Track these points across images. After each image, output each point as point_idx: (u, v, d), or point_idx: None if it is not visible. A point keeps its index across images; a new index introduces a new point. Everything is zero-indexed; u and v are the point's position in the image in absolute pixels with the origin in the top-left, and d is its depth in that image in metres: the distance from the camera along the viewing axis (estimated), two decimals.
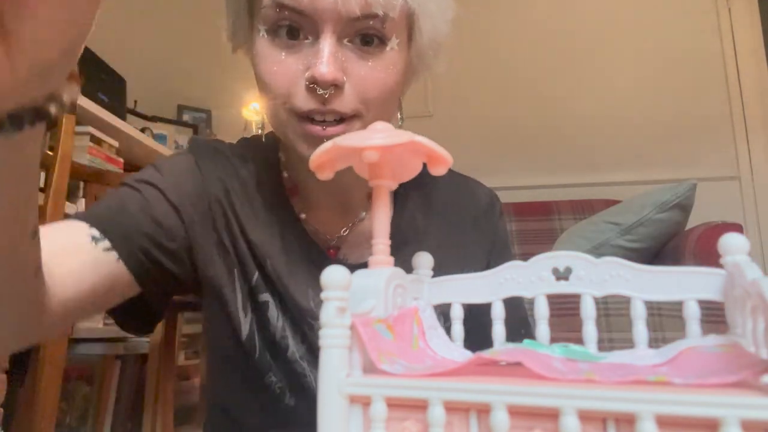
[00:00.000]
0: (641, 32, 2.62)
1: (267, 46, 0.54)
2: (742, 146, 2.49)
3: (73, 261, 0.51)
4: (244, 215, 0.62)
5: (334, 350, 0.25)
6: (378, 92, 0.54)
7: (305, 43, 0.53)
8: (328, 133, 0.53)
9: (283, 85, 0.53)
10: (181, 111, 2.91)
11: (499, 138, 2.65)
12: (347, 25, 0.52)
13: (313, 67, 0.51)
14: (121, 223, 0.56)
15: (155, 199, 0.59)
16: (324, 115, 0.53)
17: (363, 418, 0.25)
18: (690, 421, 0.21)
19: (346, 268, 0.27)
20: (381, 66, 0.54)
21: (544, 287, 0.36)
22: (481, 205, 0.73)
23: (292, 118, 0.54)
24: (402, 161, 0.37)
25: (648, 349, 0.33)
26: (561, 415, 0.21)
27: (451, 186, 0.73)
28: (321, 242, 0.65)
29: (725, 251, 0.31)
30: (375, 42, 0.54)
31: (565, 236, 2.04)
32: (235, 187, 0.63)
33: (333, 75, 0.50)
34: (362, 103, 0.54)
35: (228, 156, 0.66)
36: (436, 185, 0.71)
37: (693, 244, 1.63)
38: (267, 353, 0.63)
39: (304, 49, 0.53)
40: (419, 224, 0.68)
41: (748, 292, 0.27)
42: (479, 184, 0.75)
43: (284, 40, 0.53)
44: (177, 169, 0.63)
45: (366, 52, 0.54)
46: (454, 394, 0.23)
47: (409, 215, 0.68)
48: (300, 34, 0.53)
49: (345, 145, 0.33)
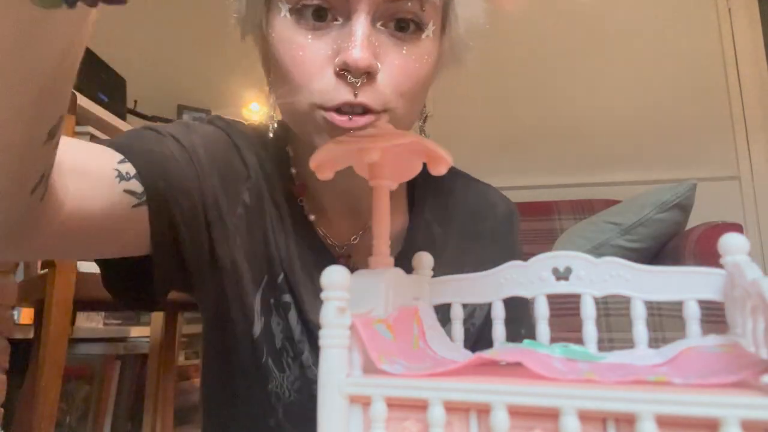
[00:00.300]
0: (641, 32, 2.62)
1: (290, 28, 0.48)
2: (742, 146, 2.49)
3: (96, 186, 0.47)
4: (269, 210, 0.59)
5: (334, 350, 0.25)
6: (412, 84, 0.49)
7: (334, 24, 0.47)
8: (354, 124, 0.46)
9: (309, 72, 0.47)
10: (181, 111, 2.91)
11: (499, 138, 2.65)
12: (383, 6, 0.46)
13: (344, 52, 0.45)
14: (159, 176, 0.52)
15: (197, 164, 0.56)
16: (353, 108, 0.46)
17: (363, 418, 0.25)
18: (690, 421, 0.21)
19: (347, 269, 0.27)
20: (416, 55, 0.49)
21: (544, 287, 0.36)
22: (499, 216, 0.69)
23: (316, 109, 0.48)
24: (402, 161, 0.37)
25: (648, 349, 0.33)
26: (561, 415, 0.21)
27: (470, 194, 0.69)
28: (331, 249, 0.61)
29: (725, 251, 0.31)
30: (411, 28, 0.48)
31: (565, 236, 2.04)
32: (260, 180, 0.60)
33: (368, 61, 0.44)
34: (394, 95, 0.48)
35: (253, 143, 0.61)
36: (454, 192, 0.68)
37: (693, 244, 1.63)
38: (271, 360, 0.60)
39: (333, 31, 0.47)
40: (435, 236, 0.65)
41: (748, 292, 0.27)
42: (497, 192, 0.71)
43: (310, 21, 0.47)
44: (216, 147, 0.59)
45: (401, 39, 0.48)
46: (454, 394, 0.23)
47: (425, 227, 0.65)
48: (328, 15, 0.47)
49: (346, 145, 0.33)
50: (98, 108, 2.05)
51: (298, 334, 0.59)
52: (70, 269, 1.18)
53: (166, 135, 0.56)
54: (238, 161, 0.59)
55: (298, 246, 0.60)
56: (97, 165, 0.48)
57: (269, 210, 0.60)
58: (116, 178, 0.49)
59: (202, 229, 0.56)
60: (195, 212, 0.55)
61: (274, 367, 0.60)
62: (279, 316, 0.60)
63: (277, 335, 0.59)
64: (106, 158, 0.50)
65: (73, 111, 1.27)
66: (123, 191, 0.49)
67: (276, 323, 0.60)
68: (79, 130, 1.84)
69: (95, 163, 0.48)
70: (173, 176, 0.53)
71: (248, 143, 0.61)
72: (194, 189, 0.55)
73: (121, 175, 0.49)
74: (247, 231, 0.59)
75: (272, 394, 0.60)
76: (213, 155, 0.57)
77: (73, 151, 0.46)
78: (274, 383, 0.60)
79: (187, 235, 0.55)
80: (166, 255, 0.54)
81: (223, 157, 0.58)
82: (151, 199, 0.51)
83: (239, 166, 0.60)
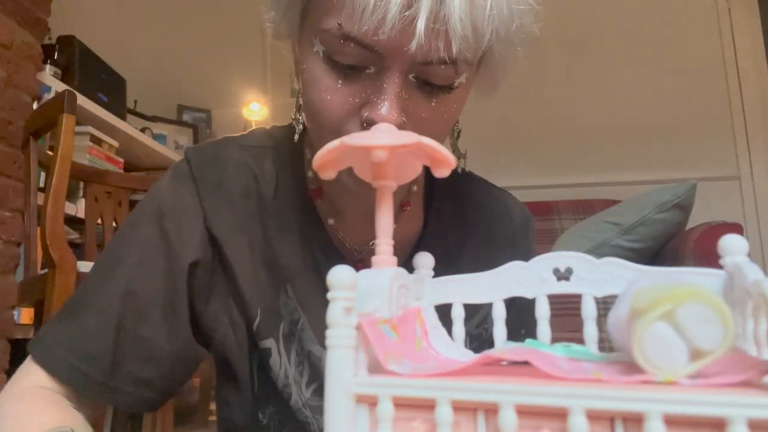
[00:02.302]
0: (641, 33, 2.63)
1: (322, 69, 0.47)
2: (742, 146, 2.50)
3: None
4: (257, 241, 0.58)
5: (341, 350, 0.25)
6: (436, 131, 0.49)
7: (366, 73, 0.46)
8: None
9: (336, 117, 0.47)
10: (181, 111, 2.92)
11: (499, 138, 2.65)
12: (417, 65, 0.45)
13: (373, 108, 0.45)
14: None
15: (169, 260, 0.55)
16: None
17: (370, 418, 0.25)
18: (697, 421, 0.21)
19: (352, 268, 0.27)
20: (446, 106, 0.48)
21: (545, 287, 0.36)
22: (515, 222, 0.68)
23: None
24: (404, 162, 0.37)
25: None
26: (569, 414, 0.21)
27: (486, 199, 0.68)
28: (347, 254, 0.60)
29: (725, 252, 0.31)
30: (442, 83, 0.47)
31: (566, 236, 2.04)
32: (251, 206, 0.58)
33: (396, 121, 0.44)
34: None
35: (237, 164, 0.59)
36: (471, 196, 0.67)
37: (693, 245, 1.63)
38: (266, 389, 0.59)
39: (363, 79, 0.47)
40: (451, 242, 0.64)
41: (749, 293, 0.27)
42: (513, 198, 0.71)
43: (343, 66, 0.46)
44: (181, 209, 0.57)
45: (431, 92, 0.47)
46: (462, 393, 0.23)
47: (441, 232, 0.64)
48: (360, 64, 0.46)
49: (352, 144, 0.33)
50: (98, 108, 2.05)
51: (282, 378, 0.58)
52: (70, 269, 1.18)
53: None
54: (192, 203, 0.57)
55: (308, 255, 0.59)
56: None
57: (268, 221, 0.59)
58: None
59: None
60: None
61: (265, 398, 0.60)
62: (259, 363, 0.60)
63: (261, 377, 0.60)
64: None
65: (73, 111, 1.27)
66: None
67: (259, 368, 0.60)
68: (79, 130, 1.84)
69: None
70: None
71: (236, 161, 0.59)
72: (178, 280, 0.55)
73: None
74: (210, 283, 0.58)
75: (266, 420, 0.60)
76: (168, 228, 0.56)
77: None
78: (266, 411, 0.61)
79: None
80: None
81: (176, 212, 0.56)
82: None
83: (195, 206, 0.57)
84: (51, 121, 1.29)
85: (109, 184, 1.61)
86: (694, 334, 0.24)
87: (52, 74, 1.90)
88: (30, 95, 1.73)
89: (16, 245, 1.65)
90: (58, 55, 2.01)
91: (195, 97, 2.96)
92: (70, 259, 1.19)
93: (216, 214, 0.56)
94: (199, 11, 3.02)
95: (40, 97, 1.80)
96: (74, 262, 1.19)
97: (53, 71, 1.92)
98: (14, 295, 1.58)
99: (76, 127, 1.29)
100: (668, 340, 0.24)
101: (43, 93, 1.82)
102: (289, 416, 0.59)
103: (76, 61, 2.03)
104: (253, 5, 3.53)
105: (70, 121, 1.25)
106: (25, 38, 1.72)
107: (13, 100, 1.66)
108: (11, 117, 1.65)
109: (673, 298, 0.24)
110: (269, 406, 0.60)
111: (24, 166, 1.46)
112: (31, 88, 1.74)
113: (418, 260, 0.41)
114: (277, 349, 0.58)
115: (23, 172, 1.49)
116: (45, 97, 1.80)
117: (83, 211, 1.63)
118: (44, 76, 1.84)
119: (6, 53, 1.63)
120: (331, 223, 0.60)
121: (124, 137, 2.22)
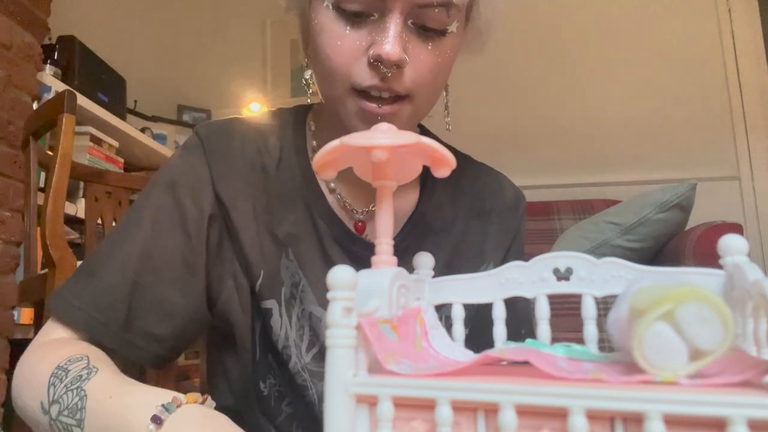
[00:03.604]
0: (641, 32, 2.63)
1: (331, 19, 0.54)
2: (742, 146, 2.49)
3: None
4: (260, 209, 0.61)
5: (341, 350, 0.25)
6: (434, 76, 0.55)
7: (370, 19, 0.53)
8: (383, 112, 0.54)
9: (345, 60, 0.53)
10: (181, 111, 2.92)
11: (499, 138, 2.65)
12: (415, 8, 0.52)
13: (378, 45, 0.51)
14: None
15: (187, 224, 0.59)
16: (381, 92, 0.53)
17: (370, 418, 0.25)
18: (697, 421, 0.21)
19: (352, 268, 0.27)
20: (440, 50, 0.55)
21: (545, 287, 0.36)
22: (507, 199, 0.72)
23: (349, 94, 0.55)
24: (404, 162, 0.38)
25: None
26: (569, 414, 0.21)
27: (480, 174, 0.73)
28: (348, 215, 0.64)
29: (724, 252, 0.31)
30: (437, 26, 0.54)
31: (566, 236, 2.04)
32: (256, 176, 0.62)
33: (399, 55, 0.51)
34: (417, 84, 0.54)
35: (243, 138, 0.64)
36: (465, 172, 0.71)
37: (693, 245, 1.63)
38: (267, 357, 0.61)
39: (369, 25, 0.53)
40: (446, 213, 0.68)
41: (750, 293, 0.27)
42: (507, 179, 0.75)
43: (349, 15, 0.53)
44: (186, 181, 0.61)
45: (427, 36, 0.54)
46: (462, 393, 0.23)
47: (436, 203, 0.67)
48: (365, 10, 0.53)
49: (353, 144, 0.33)
50: (98, 108, 2.05)
51: (283, 340, 0.60)
52: (70, 269, 1.18)
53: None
54: (204, 172, 0.61)
55: (309, 222, 0.62)
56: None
57: (263, 206, 0.62)
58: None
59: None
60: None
61: (266, 367, 0.62)
62: (261, 324, 0.62)
63: (262, 341, 0.62)
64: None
65: (73, 111, 1.27)
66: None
67: (261, 330, 0.62)
68: (79, 130, 1.84)
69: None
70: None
71: (242, 136, 0.64)
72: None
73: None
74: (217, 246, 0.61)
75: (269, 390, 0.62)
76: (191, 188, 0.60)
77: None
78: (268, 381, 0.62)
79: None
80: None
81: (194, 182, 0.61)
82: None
83: (205, 175, 0.61)
84: (51, 121, 1.29)
85: (109, 184, 1.61)
86: (694, 334, 0.24)
87: (52, 74, 1.90)
88: (30, 95, 1.73)
89: (16, 245, 1.65)
90: (58, 55, 2.01)
91: (195, 97, 2.96)
92: (70, 259, 1.18)
93: (223, 180, 0.60)
94: (199, 11, 3.02)
95: (40, 97, 1.80)
96: (74, 262, 1.19)
97: (53, 71, 1.91)
98: (14, 295, 1.58)
99: (76, 127, 1.29)
100: (668, 340, 0.24)
101: (43, 93, 1.82)
102: (290, 387, 0.62)
103: (76, 61, 2.03)
104: (253, 5, 3.52)
105: (70, 121, 1.25)
106: (25, 38, 1.72)
107: (13, 100, 1.66)
108: (11, 117, 1.64)
109: (673, 298, 0.24)
110: (269, 377, 0.62)
111: (24, 166, 1.46)
112: (31, 88, 1.74)
113: (418, 260, 0.41)
114: (279, 311, 0.60)
115: (23, 172, 1.49)
116: (45, 97, 1.79)
117: (83, 211, 1.63)
118: (44, 76, 1.84)
119: (6, 53, 1.63)
120: (332, 186, 0.64)
121: (124, 137, 2.22)
